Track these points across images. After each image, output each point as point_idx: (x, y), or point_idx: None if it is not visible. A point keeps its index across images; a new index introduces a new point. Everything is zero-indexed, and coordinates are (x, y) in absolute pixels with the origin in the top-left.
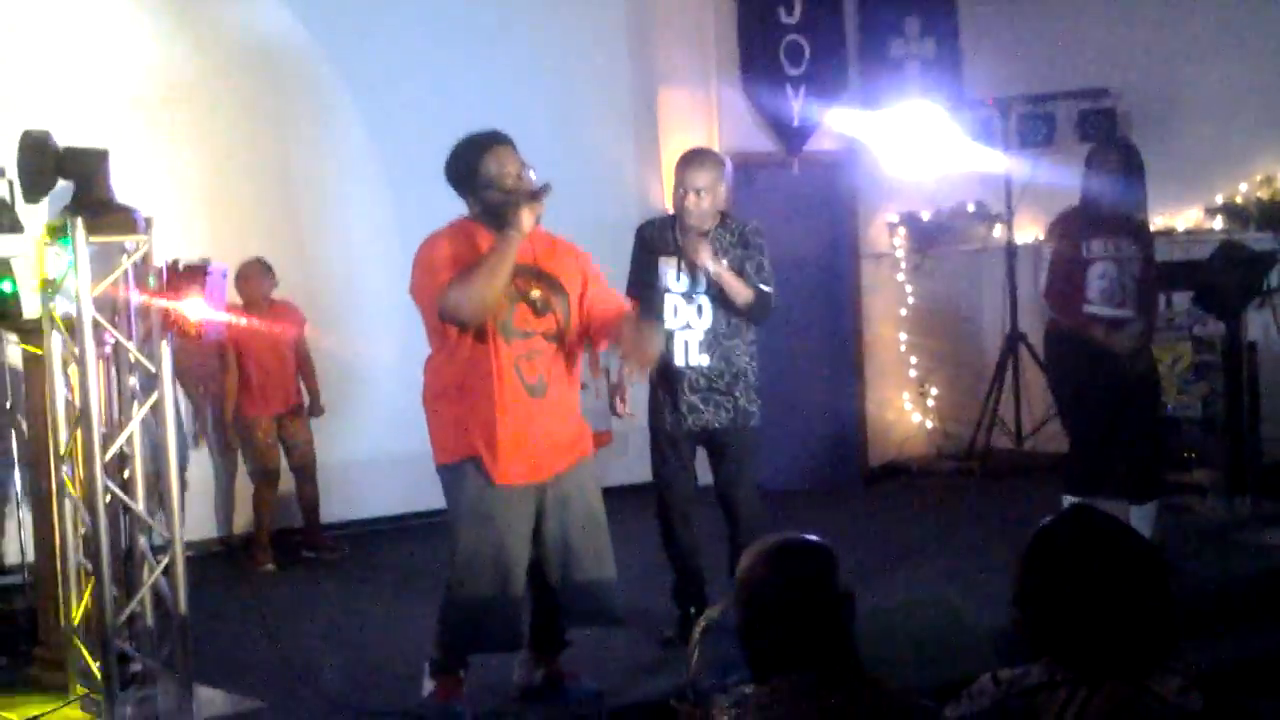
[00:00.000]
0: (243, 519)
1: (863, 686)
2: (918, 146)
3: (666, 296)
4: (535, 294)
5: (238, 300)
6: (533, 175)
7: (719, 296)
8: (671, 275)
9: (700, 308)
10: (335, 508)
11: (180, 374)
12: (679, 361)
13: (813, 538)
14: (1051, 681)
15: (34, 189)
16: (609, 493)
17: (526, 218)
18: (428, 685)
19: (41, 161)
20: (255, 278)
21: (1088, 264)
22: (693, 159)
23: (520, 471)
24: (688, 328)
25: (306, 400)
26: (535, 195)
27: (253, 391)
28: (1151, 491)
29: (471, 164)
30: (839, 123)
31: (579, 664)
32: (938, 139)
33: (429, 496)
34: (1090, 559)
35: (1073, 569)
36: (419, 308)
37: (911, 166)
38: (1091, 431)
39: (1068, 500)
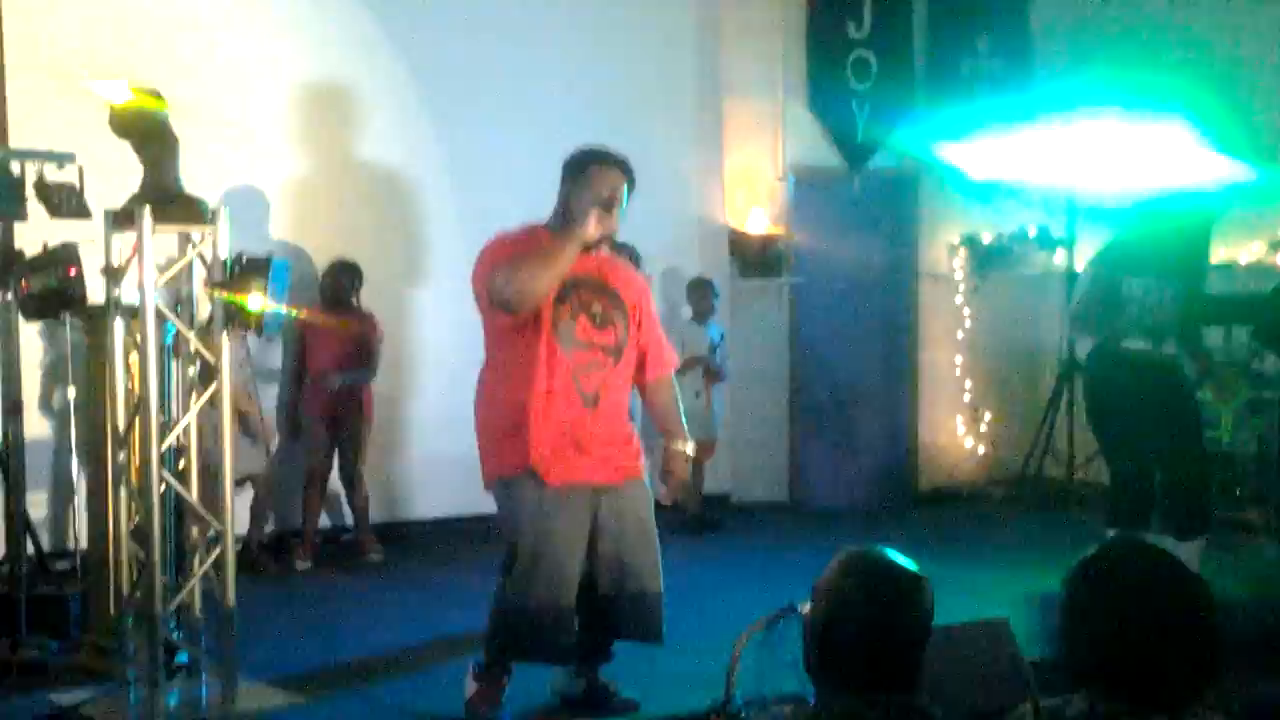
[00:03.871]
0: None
1: (910, 716)
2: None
3: None
4: (597, 308)
5: (316, 298)
6: (620, 210)
7: None
8: None
9: None
10: (378, 510)
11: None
12: None
13: (906, 561)
14: (1092, 713)
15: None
16: None
17: (592, 222)
18: (470, 686)
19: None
20: (336, 276)
21: (1126, 301)
22: None
23: (573, 471)
24: None
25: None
26: (607, 204)
27: (313, 391)
28: (1196, 527)
29: (584, 166)
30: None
31: (616, 674)
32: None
33: (473, 500)
34: (1134, 591)
35: (1116, 600)
36: (476, 299)
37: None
38: (1133, 464)
39: (1110, 535)
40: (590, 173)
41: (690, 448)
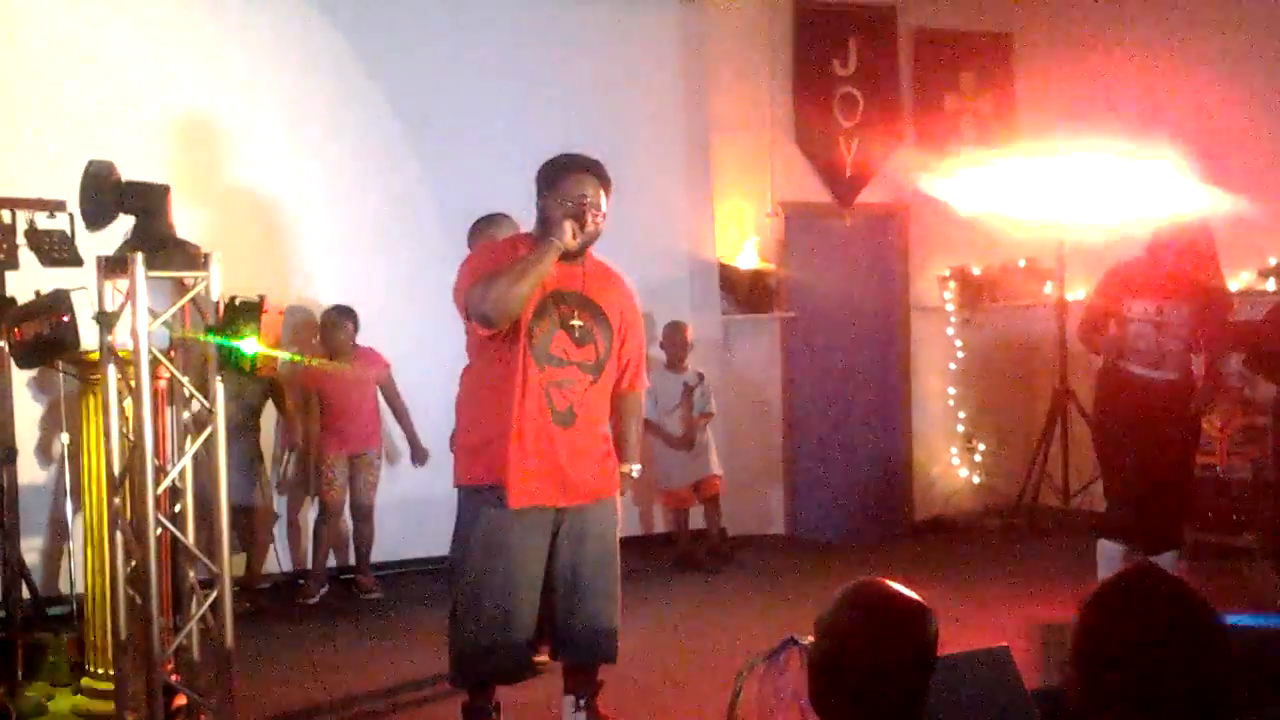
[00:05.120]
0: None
1: None
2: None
3: None
4: (577, 323)
5: (320, 349)
6: (602, 214)
7: None
8: None
9: None
10: (378, 548)
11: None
12: None
13: (907, 593)
14: None
15: (96, 219)
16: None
17: (568, 230)
18: None
19: (103, 193)
20: (332, 325)
21: (1127, 323)
22: None
23: (534, 494)
24: None
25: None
26: (580, 213)
27: (330, 431)
28: (1169, 543)
29: (556, 176)
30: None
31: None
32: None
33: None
34: (1151, 620)
35: (1132, 629)
36: (457, 309)
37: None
38: (1128, 480)
39: (1103, 545)
40: (561, 180)
41: (635, 471)
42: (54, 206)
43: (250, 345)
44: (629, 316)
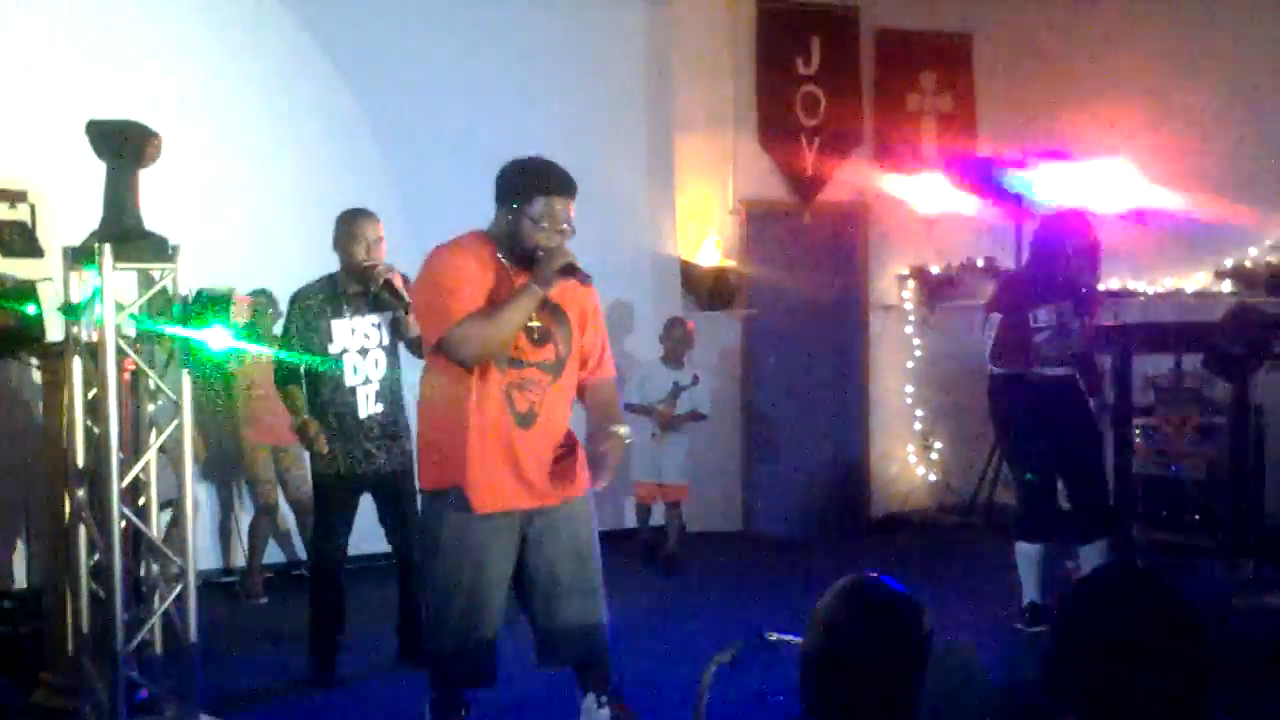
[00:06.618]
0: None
1: None
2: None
3: (345, 357)
4: (535, 324)
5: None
6: (571, 220)
7: (392, 346)
8: (344, 334)
9: (377, 360)
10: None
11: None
12: (361, 414)
13: (901, 589)
14: None
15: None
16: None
17: (556, 283)
18: None
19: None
20: (262, 308)
21: (1035, 333)
22: None
23: (499, 500)
24: (367, 381)
25: None
26: (575, 272)
27: (254, 421)
28: (1099, 531)
29: (530, 192)
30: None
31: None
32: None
33: None
34: (1127, 615)
35: (1109, 624)
36: (418, 322)
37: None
38: (1039, 479)
39: (1020, 547)
40: (534, 198)
41: (625, 432)
42: (14, 197)
43: (218, 337)
44: (588, 310)
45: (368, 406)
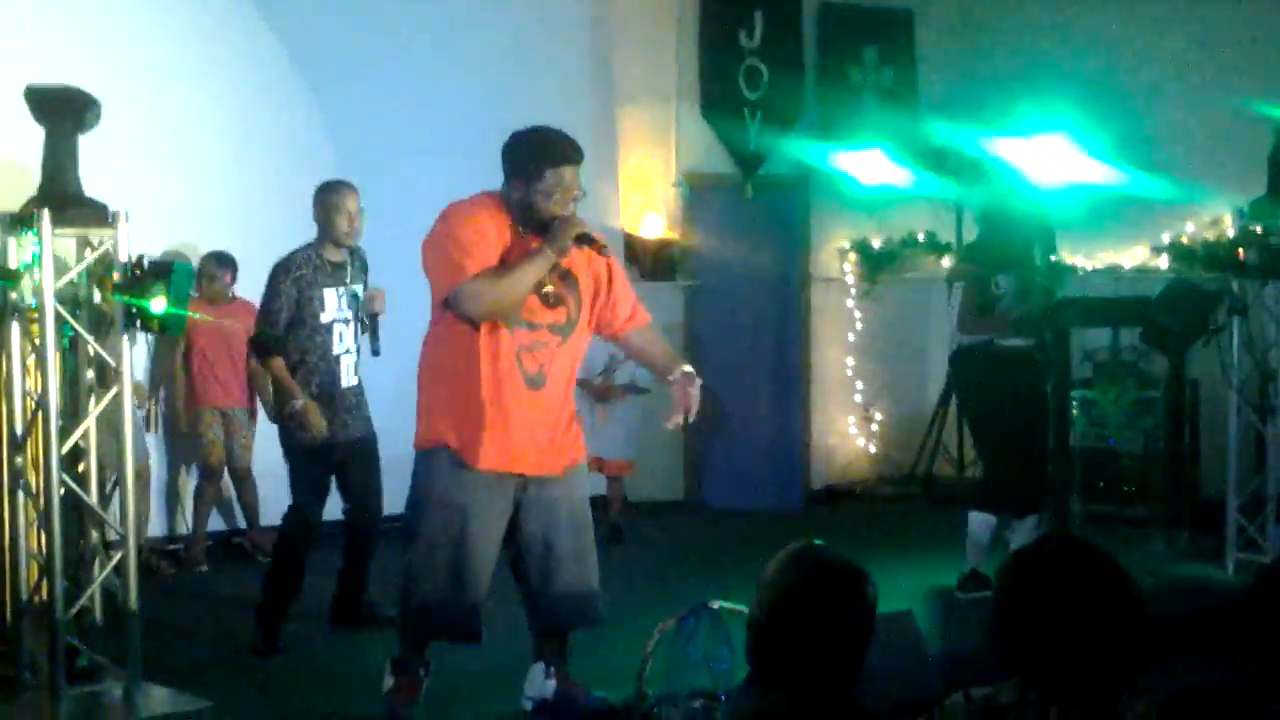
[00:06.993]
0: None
1: (840, 709)
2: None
3: (334, 327)
4: (548, 287)
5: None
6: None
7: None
8: (334, 304)
9: (356, 332)
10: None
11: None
12: (343, 383)
13: (846, 558)
14: (1023, 701)
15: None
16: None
17: (570, 249)
18: (388, 681)
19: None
20: (211, 271)
21: (999, 299)
22: None
23: (502, 459)
24: (349, 352)
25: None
26: (592, 241)
27: (198, 384)
28: (1036, 506)
29: (540, 166)
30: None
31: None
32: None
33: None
34: (1068, 583)
35: (1050, 592)
36: (429, 280)
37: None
38: (1014, 449)
39: (975, 517)
40: (546, 170)
41: (687, 369)
42: None
43: (159, 305)
44: (601, 275)
45: (348, 377)
